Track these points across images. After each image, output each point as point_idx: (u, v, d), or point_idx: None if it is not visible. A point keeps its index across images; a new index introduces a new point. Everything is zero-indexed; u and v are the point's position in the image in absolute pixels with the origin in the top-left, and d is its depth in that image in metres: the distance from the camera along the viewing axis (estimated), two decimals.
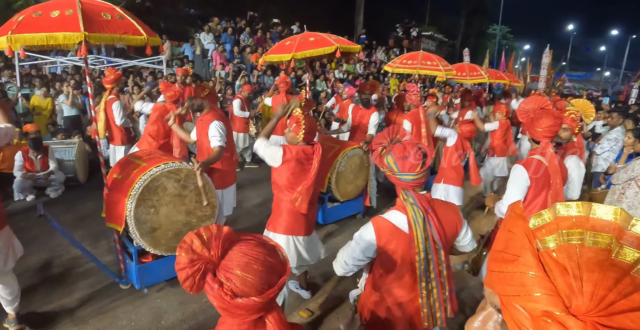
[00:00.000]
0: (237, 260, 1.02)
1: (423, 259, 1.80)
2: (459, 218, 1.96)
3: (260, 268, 1.03)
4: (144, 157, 3.54)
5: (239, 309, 1.02)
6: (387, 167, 1.81)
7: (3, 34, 3.13)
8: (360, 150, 5.03)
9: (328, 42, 4.93)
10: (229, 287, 1.01)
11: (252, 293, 1.02)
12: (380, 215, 1.89)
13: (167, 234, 3.34)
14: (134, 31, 3.45)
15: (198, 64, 11.72)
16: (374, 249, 1.85)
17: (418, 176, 1.76)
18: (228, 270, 1.01)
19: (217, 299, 1.02)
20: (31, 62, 9.25)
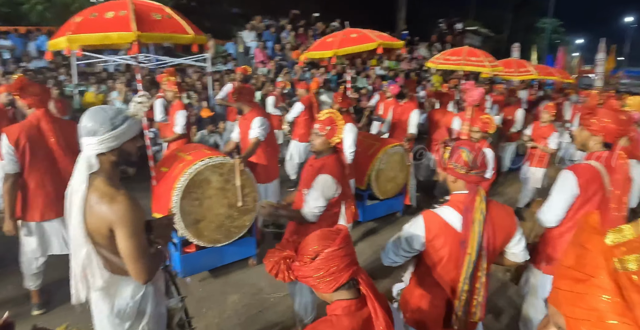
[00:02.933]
0: (301, 243, 1.32)
1: (472, 262, 1.77)
2: (513, 223, 1.89)
3: (319, 233, 1.32)
4: (190, 151, 3.67)
5: (322, 270, 1.24)
6: (463, 163, 1.79)
7: (62, 34, 3.32)
8: (401, 147, 4.96)
9: (370, 38, 4.88)
10: (303, 258, 1.27)
11: (320, 250, 1.25)
12: (431, 210, 1.87)
13: (210, 225, 3.44)
14: (182, 30, 3.56)
15: (241, 62, 11.96)
16: (421, 242, 1.84)
17: (486, 172, 1.79)
18: (300, 252, 1.31)
19: (305, 274, 1.27)
20: (86, 61, 9.79)
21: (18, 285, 3.57)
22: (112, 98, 8.47)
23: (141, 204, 1.77)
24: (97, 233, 1.70)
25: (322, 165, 2.54)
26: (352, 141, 4.06)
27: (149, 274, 1.73)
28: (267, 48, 12.90)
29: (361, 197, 4.98)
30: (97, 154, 1.70)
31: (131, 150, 1.78)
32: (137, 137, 1.80)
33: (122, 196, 1.67)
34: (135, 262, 1.68)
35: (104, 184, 1.69)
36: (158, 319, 1.97)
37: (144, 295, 1.89)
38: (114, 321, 1.89)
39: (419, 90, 10.63)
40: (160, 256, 1.90)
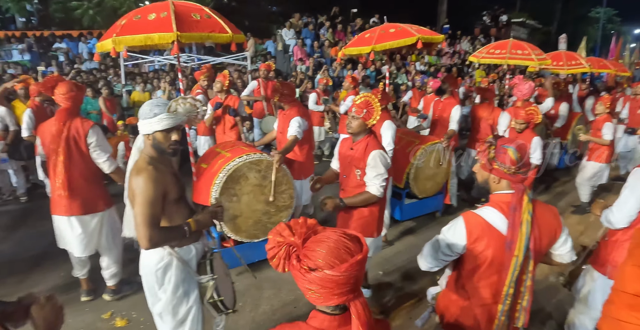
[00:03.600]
0: (315, 240, 1.12)
1: (519, 264, 1.68)
2: (559, 224, 1.79)
3: (333, 245, 1.09)
4: (228, 148, 3.74)
5: (314, 285, 1.08)
6: (510, 162, 1.72)
7: (109, 36, 3.47)
8: (441, 145, 4.82)
9: (409, 33, 4.76)
10: (305, 262, 1.09)
11: (324, 266, 1.06)
12: (472, 211, 1.80)
13: (247, 221, 3.50)
14: (220, 29, 3.63)
15: (280, 60, 12.10)
16: (462, 245, 1.76)
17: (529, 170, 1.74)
18: (307, 249, 1.11)
19: (297, 277, 1.11)
20: (133, 62, 10.25)
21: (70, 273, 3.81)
22: (157, 96, 8.80)
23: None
24: (130, 198, 2.02)
25: (367, 144, 2.75)
26: (390, 138, 3.99)
27: (149, 240, 1.88)
28: (305, 45, 12.96)
29: (399, 195, 4.89)
30: (143, 134, 2.03)
31: (161, 140, 2.00)
32: (170, 130, 2.01)
33: (146, 171, 1.94)
34: (140, 227, 1.88)
35: (141, 160, 2.02)
36: (186, 291, 2.16)
37: (167, 265, 2.09)
38: (147, 282, 2.17)
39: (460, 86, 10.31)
40: (177, 233, 2.01)
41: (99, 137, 3.18)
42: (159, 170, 1.98)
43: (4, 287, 3.75)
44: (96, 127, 3.20)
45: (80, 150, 3.15)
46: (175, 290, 2.12)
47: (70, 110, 3.16)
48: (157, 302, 2.18)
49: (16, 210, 5.76)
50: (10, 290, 3.76)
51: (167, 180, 2.01)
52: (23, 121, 4.93)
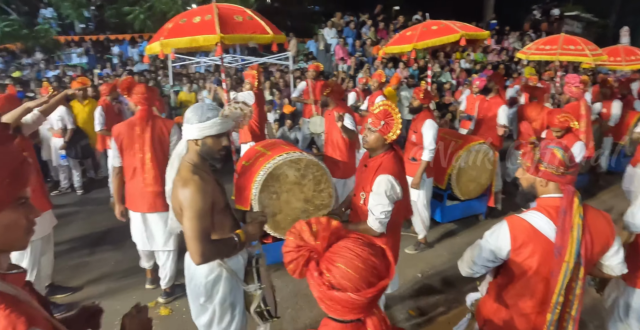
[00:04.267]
0: (340, 253, 1.01)
1: (569, 271, 1.60)
2: (612, 231, 1.69)
3: (362, 266, 0.99)
4: (269, 146, 3.81)
5: (333, 302, 1.00)
6: (559, 163, 1.65)
7: (156, 39, 3.64)
8: (485, 145, 4.65)
9: (451, 29, 4.64)
10: (328, 278, 1.00)
11: (349, 288, 0.98)
12: (517, 215, 1.72)
13: (286, 219, 3.55)
14: (262, 30, 3.71)
15: (321, 59, 12.15)
16: (506, 251, 1.69)
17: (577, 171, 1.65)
18: (330, 261, 1.01)
19: (314, 287, 1.02)
20: (180, 63, 10.64)
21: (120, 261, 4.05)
22: (203, 96, 9.08)
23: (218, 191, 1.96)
24: (175, 210, 1.95)
25: (379, 164, 2.33)
26: (432, 138, 3.90)
27: (202, 256, 1.81)
28: (347, 44, 12.93)
29: (440, 197, 4.78)
30: (187, 139, 1.94)
31: (212, 145, 1.92)
32: (221, 136, 1.94)
33: (193, 182, 1.84)
34: (192, 243, 1.80)
35: (185, 168, 1.92)
36: (233, 301, 2.10)
37: (217, 277, 2.02)
38: (192, 293, 2.11)
39: (508, 84, 9.90)
40: (229, 245, 1.94)
41: (179, 135, 3.32)
42: (205, 180, 1.88)
43: (62, 273, 4.03)
44: (177, 126, 3.31)
45: (163, 147, 3.29)
46: (223, 301, 2.07)
47: (148, 110, 3.32)
48: (203, 313, 2.13)
49: (74, 202, 6.19)
50: (67, 276, 4.05)
51: (214, 189, 1.93)
52: (95, 117, 5.32)
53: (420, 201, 4.12)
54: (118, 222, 3.59)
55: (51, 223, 3.46)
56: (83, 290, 3.82)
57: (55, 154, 6.23)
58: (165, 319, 3.38)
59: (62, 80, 10.58)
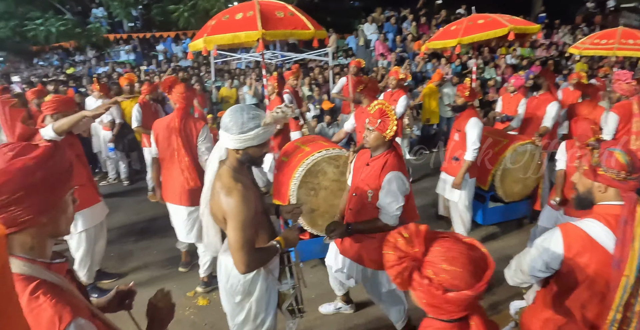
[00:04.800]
0: (441, 255, 1.04)
1: (629, 286, 1.48)
2: None
3: (466, 261, 1.03)
4: (308, 143, 3.81)
5: (449, 304, 1.04)
6: (620, 167, 1.54)
7: (200, 36, 3.72)
8: (532, 145, 4.43)
9: (499, 23, 4.44)
10: (439, 281, 1.03)
11: (463, 286, 1.02)
12: (571, 222, 1.62)
13: (324, 216, 3.54)
14: (303, 26, 3.71)
15: (361, 55, 12.06)
16: (559, 261, 1.59)
17: None
18: (434, 265, 1.04)
19: (427, 294, 1.05)
20: (222, 59, 10.87)
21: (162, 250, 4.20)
22: (244, 92, 9.23)
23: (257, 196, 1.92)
24: (216, 216, 1.92)
25: (385, 162, 2.40)
26: (476, 137, 3.76)
27: (247, 266, 1.80)
28: (387, 40, 12.74)
29: (483, 198, 4.61)
30: (227, 148, 1.86)
31: (255, 154, 1.86)
32: (264, 145, 1.85)
33: (237, 191, 1.77)
34: (236, 253, 1.78)
35: (226, 174, 1.84)
36: (268, 300, 2.10)
37: (255, 277, 2.03)
38: (227, 292, 2.12)
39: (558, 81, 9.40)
40: (270, 254, 1.94)
41: (208, 134, 3.46)
42: (247, 188, 1.83)
43: (108, 260, 4.23)
44: (207, 127, 3.49)
45: (191, 146, 3.42)
46: (260, 300, 2.08)
47: (185, 109, 3.45)
48: (240, 312, 2.13)
49: (121, 191, 6.50)
50: (112, 262, 4.25)
51: (254, 195, 1.89)
52: (132, 114, 5.52)
53: (461, 202, 3.99)
54: (162, 213, 3.73)
55: (103, 212, 3.67)
56: (126, 277, 3.99)
57: (104, 146, 6.55)
58: (203, 309, 3.47)
59: (111, 77, 11.09)
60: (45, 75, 13.25)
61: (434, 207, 5.04)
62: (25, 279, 1.02)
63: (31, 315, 0.98)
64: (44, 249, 1.09)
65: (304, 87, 9.00)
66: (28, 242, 1.05)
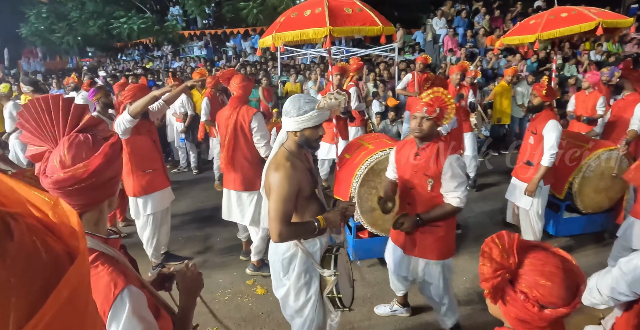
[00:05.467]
0: (537, 268, 1.00)
1: None
2: None
3: (563, 276, 0.98)
4: (372, 140, 3.76)
5: (542, 321, 0.99)
6: None
7: (269, 33, 3.81)
8: (618, 152, 4.02)
9: (586, 17, 4.06)
10: (535, 297, 0.99)
11: (559, 303, 0.98)
12: None
13: (384, 215, 3.48)
14: (371, 22, 3.67)
15: (429, 51, 11.67)
16: None
17: None
18: (530, 279, 1.00)
19: (520, 310, 1.01)
20: (289, 55, 11.06)
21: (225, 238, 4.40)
22: (308, 87, 9.34)
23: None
24: (266, 189, 2.09)
25: (437, 149, 2.44)
26: (555, 141, 3.49)
27: (279, 235, 1.97)
28: (457, 35, 12.22)
29: (557, 207, 4.28)
30: (287, 131, 2.08)
31: (310, 136, 2.05)
32: (318, 127, 2.05)
33: (284, 168, 1.98)
34: (272, 222, 1.97)
35: (281, 154, 2.08)
36: (308, 281, 2.23)
37: (292, 255, 2.19)
38: (273, 267, 2.32)
39: None
40: (307, 229, 2.06)
41: (260, 123, 3.52)
42: (295, 167, 2.02)
43: (176, 243, 4.51)
44: (259, 114, 3.55)
45: (244, 134, 3.54)
46: (298, 279, 2.21)
47: (240, 98, 3.58)
48: (281, 287, 2.31)
49: (189, 180, 6.90)
50: (179, 246, 4.52)
51: (302, 177, 2.05)
52: (202, 107, 5.81)
53: (533, 210, 3.74)
54: None
55: (169, 198, 3.93)
56: (191, 261, 4.22)
57: (177, 136, 6.99)
58: (261, 298, 3.58)
59: (185, 71, 11.74)
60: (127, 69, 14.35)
61: (501, 214, 4.77)
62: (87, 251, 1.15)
63: (91, 281, 1.08)
64: (103, 226, 1.25)
65: (369, 84, 8.91)
66: (92, 219, 1.20)
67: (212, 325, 3.26)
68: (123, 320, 1.09)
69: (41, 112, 1.09)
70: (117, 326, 1.09)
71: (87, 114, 1.16)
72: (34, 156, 1.12)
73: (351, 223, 3.74)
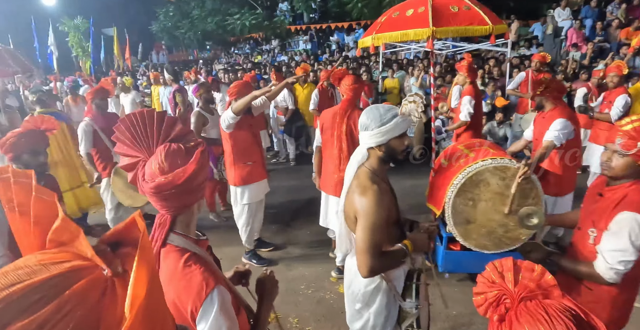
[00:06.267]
0: (534, 314, 0.84)
1: None
2: None
3: None
4: (473, 148, 3.52)
5: None
6: None
7: (369, 34, 3.78)
8: None
9: None
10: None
11: None
12: None
13: (479, 229, 3.26)
14: (480, 21, 3.45)
15: (548, 45, 10.54)
16: None
17: None
18: (517, 317, 0.86)
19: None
20: (391, 50, 10.85)
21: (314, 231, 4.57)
22: (410, 83, 9.06)
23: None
24: (348, 216, 1.95)
25: (623, 196, 1.81)
26: None
27: (369, 270, 1.77)
28: (584, 27, 10.80)
29: None
30: (367, 148, 1.90)
31: (397, 147, 1.86)
32: (404, 135, 1.87)
33: (372, 191, 1.79)
34: (362, 255, 1.77)
35: (364, 175, 1.87)
36: (387, 315, 2.04)
37: (376, 288, 1.98)
38: (348, 297, 2.15)
39: None
40: (397, 257, 1.89)
41: None
42: (382, 191, 1.83)
43: (268, 231, 4.77)
44: None
45: (353, 139, 3.50)
46: (380, 312, 2.03)
47: (351, 101, 3.53)
48: (358, 320, 2.13)
49: (286, 170, 7.29)
50: (270, 235, 4.76)
51: (389, 201, 1.88)
52: (312, 98, 6.06)
53: None
54: (319, 195, 3.97)
55: (265, 190, 4.15)
56: (282, 250, 4.45)
57: (277, 128, 7.38)
58: (342, 297, 3.59)
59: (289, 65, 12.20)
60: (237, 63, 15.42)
61: None
62: (181, 250, 1.28)
63: (185, 279, 1.23)
64: (193, 227, 1.36)
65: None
66: (185, 221, 1.31)
67: (293, 317, 3.40)
68: (211, 318, 1.19)
69: (137, 125, 1.23)
70: (206, 322, 1.19)
71: (178, 125, 1.28)
72: (126, 166, 1.26)
73: (443, 233, 3.57)
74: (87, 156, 4.30)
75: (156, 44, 26.15)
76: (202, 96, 4.81)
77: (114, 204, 4.55)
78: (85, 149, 4.25)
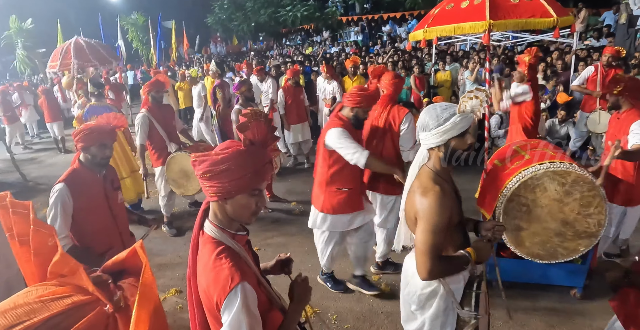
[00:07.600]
0: None
1: None
2: None
3: None
4: (530, 149, 3.30)
5: None
6: None
7: (421, 27, 3.61)
8: None
9: None
10: None
11: None
12: None
13: (533, 237, 3.06)
14: (542, 13, 3.20)
15: (620, 36, 9.66)
16: None
17: None
18: None
19: None
20: (445, 41, 10.43)
21: None
22: (464, 77, 8.69)
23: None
24: (408, 216, 1.91)
25: None
26: None
27: (428, 273, 1.73)
28: None
29: None
30: (427, 148, 1.85)
31: (458, 146, 1.79)
32: (465, 134, 1.78)
33: (434, 192, 1.75)
34: (420, 256, 1.74)
35: (426, 176, 1.83)
36: (444, 321, 1.97)
37: (433, 292, 1.92)
38: (404, 298, 2.11)
39: None
40: (459, 264, 1.83)
41: (410, 125, 3.38)
42: (445, 192, 1.78)
43: None
44: (410, 115, 3.41)
45: (392, 134, 3.43)
46: (435, 317, 1.97)
47: (391, 96, 3.48)
48: (412, 320, 2.11)
49: None
50: None
51: (452, 202, 1.81)
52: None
53: None
54: None
55: (359, 222, 3.97)
56: None
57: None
58: (382, 296, 3.58)
59: (340, 56, 12.11)
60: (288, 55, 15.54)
61: None
62: (215, 242, 1.35)
63: (214, 271, 1.29)
64: (231, 222, 1.41)
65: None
66: (225, 215, 1.38)
67: (332, 313, 3.40)
68: (233, 312, 1.25)
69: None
70: (228, 314, 1.25)
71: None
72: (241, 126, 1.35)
73: None
74: (140, 148, 4.49)
75: (213, 36, 26.99)
76: (243, 94, 4.91)
77: (167, 192, 4.76)
78: (141, 140, 4.44)
